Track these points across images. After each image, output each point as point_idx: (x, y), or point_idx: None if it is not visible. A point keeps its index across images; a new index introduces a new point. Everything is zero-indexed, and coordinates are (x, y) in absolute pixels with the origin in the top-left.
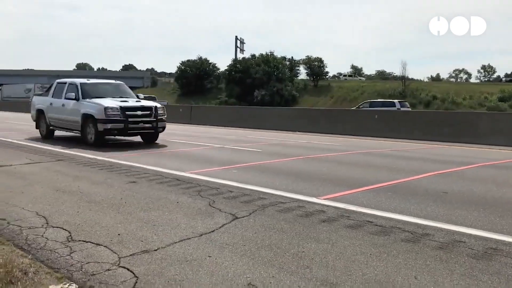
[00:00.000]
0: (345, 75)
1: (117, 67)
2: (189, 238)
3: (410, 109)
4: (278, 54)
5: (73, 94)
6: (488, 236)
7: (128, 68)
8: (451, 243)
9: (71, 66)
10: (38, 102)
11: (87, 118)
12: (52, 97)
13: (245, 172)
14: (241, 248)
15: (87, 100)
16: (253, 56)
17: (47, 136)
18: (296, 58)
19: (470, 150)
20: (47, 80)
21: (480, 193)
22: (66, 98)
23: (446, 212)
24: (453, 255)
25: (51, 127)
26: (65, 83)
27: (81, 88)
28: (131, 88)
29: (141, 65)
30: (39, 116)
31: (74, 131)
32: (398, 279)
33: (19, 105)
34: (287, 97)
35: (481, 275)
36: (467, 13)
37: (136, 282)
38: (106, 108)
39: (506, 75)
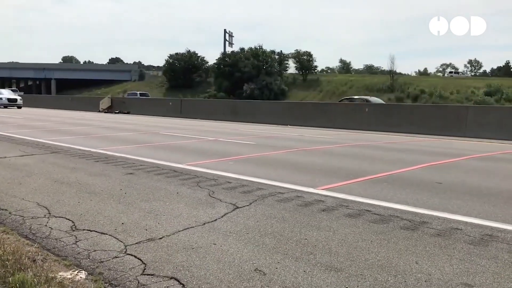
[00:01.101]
0: (450, 72)
1: (103, 60)
2: (193, 227)
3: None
4: (267, 47)
5: None
6: (483, 223)
7: (115, 61)
8: (448, 231)
9: (57, 59)
10: None
11: None
12: None
13: (242, 164)
14: (244, 236)
15: None
16: (242, 49)
17: None
18: (285, 52)
19: (459, 143)
20: (33, 73)
21: (473, 183)
22: None
23: (442, 202)
24: (451, 241)
25: None
26: None
27: None
28: (118, 81)
29: (128, 58)
30: None
31: None
32: (400, 264)
33: None
34: (276, 91)
35: (479, 259)
36: (459, 8)
37: (144, 269)
38: None
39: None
